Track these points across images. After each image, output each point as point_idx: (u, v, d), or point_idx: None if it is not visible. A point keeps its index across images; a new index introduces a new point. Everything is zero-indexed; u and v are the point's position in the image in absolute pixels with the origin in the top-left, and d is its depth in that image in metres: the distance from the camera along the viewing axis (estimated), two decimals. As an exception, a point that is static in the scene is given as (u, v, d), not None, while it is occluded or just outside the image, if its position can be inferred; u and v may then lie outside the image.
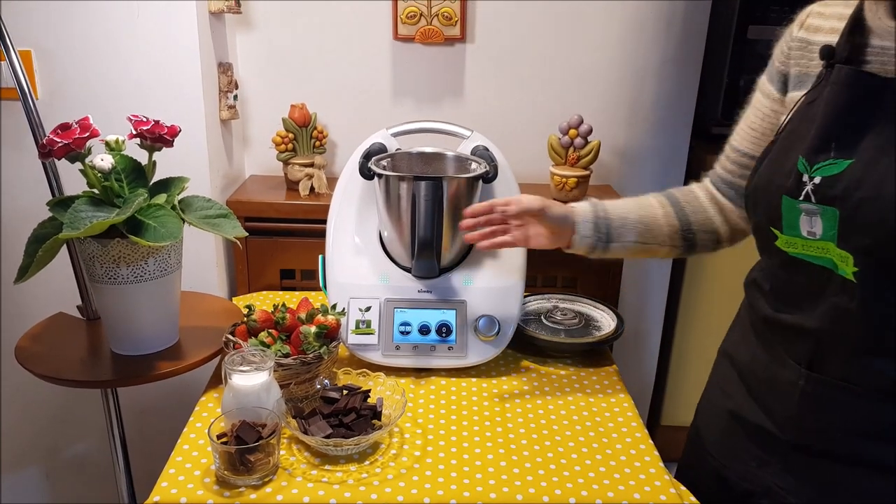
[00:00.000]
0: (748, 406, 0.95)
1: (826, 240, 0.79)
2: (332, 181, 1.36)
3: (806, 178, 0.79)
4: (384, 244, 1.22)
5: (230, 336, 1.07)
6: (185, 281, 1.18)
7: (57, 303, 1.28)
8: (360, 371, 1.07)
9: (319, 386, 1.02)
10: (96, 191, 1.03)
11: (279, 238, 1.50)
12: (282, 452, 0.95)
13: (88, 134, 1.00)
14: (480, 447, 0.98)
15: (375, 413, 0.99)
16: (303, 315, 1.08)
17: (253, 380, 0.94)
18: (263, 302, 1.42)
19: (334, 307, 1.13)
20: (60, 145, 0.98)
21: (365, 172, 1.17)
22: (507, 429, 1.02)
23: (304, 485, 0.89)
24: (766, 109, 0.94)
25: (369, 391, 1.02)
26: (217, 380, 1.13)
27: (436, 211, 1.08)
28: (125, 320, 1.09)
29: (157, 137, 1.06)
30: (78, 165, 1.01)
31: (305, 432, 0.94)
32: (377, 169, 1.15)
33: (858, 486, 0.85)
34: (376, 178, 1.16)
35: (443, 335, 1.15)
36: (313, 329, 1.05)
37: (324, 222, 1.24)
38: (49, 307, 1.27)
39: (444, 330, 1.15)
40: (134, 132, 1.05)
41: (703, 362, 1.13)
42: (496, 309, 1.18)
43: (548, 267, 1.54)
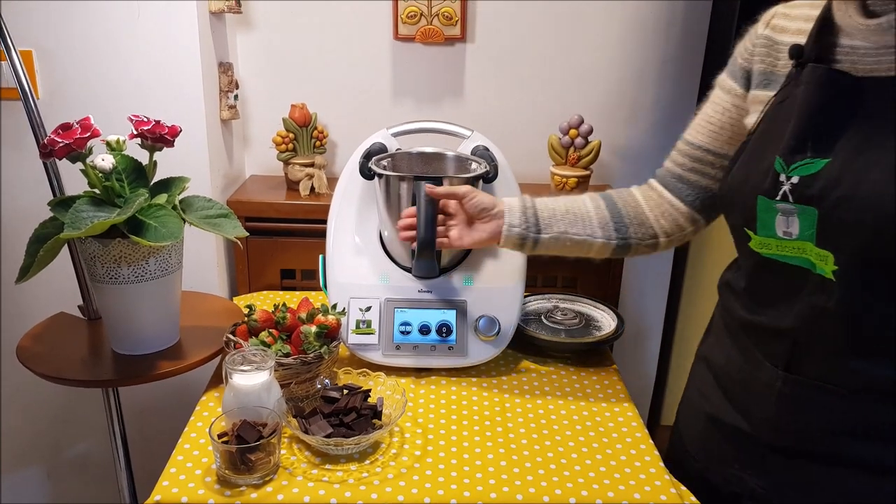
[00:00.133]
0: (725, 409, 0.95)
1: (804, 239, 0.79)
2: (333, 181, 1.36)
3: (783, 178, 0.79)
4: (384, 244, 1.22)
5: (231, 336, 1.07)
6: (186, 281, 1.18)
7: (58, 302, 1.28)
8: (361, 371, 1.07)
9: (320, 385, 1.03)
10: (97, 191, 1.03)
11: (279, 238, 1.51)
12: (282, 452, 0.95)
13: (89, 134, 1.00)
14: (480, 447, 0.98)
15: (376, 413, 0.99)
16: (303, 315, 1.08)
17: (254, 379, 0.94)
18: (264, 302, 1.43)
19: (334, 307, 1.13)
20: (61, 145, 0.98)
21: (365, 172, 1.18)
22: (507, 429, 1.03)
23: (305, 484, 0.90)
24: (727, 104, 0.95)
25: (369, 391, 1.02)
26: (218, 379, 1.13)
27: (436, 211, 1.08)
28: (126, 320, 1.10)
29: (158, 137, 1.06)
30: (79, 165, 1.02)
31: (306, 432, 0.94)
32: (377, 169, 1.15)
33: (839, 486, 0.85)
34: (376, 178, 1.16)
35: (443, 335, 1.15)
36: (314, 329, 1.05)
37: (324, 222, 1.24)
38: (50, 307, 1.27)
39: (445, 330, 1.16)
40: (135, 132, 1.05)
41: (703, 362, 1.13)
42: (496, 309, 1.18)
43: (548, 267, 1.54)
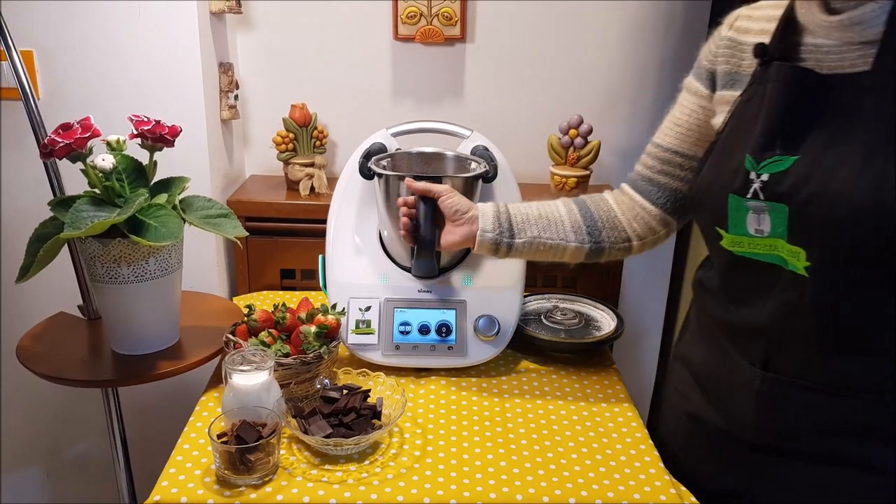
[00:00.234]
0: (705, 409, 0.95)
1: (775, 237, 0.79)
2: (333, 181, 1.36)
3: (753, 176, 0.80)
4: (384, 244, 1.22)
5: (230, 336, 1.07)
6: (186, 281, 1.18)
7: (58, 302, 1.28)
8: (360, 371, 1.07)
9: (319, 385, 1.03)
10: (97, 191, 1.03)
11: (279, 238, 1.51)
12: (282, 452, 0.95)
13: (90, 134, 1.00)
14: (480, 447, 0.98)
15: (375, 413, 0.99)
16: (303, 315, 1.08)
17: (253, 379, 0.94)
18: (264, 302, 1.43)
19: (334, 307, 1.13)
20: (62, 145, 0.98)
21: (365, 172, 1.18)
22: (507, 429, 1.03)
23: (304, 484, 0.89)
24: (694, 105, 0.96)
25: (369, 391, 1.02)
26: (217, 379, 1.13)
27: (435, 210, 1.08)
28: (126, 320, 1.10)
29: (158, 137, 1.06)
30: (79, 165, 1.02)
31: (305, 432, 0.94)
32: (377, 169, 1.15)
33: (822, 484, 0.85)
34: (376, 178, 1.16)
35: (443, 335, 1.15)
36: (313, 329, 1.05)
37: (324, 222, 1.24)
38: (50, 307, 1.27)
39: (444, 330, 1.16)
40: (135, 132, 1.05)
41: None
42: (496, 309, 1.18)
43: (548, 267, 1.54)
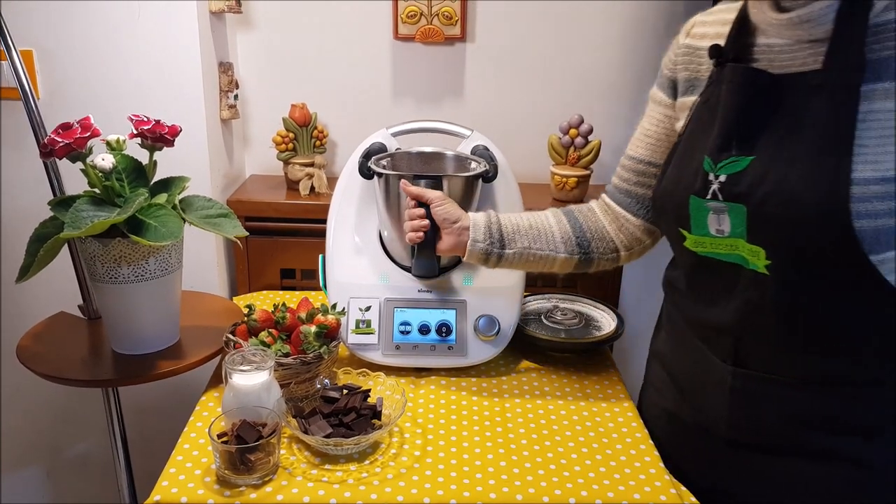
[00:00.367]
0: (682, 406, 0.96)
1: (735, 236, 0.80)
2: (332, 181, 1.36)
3: (712, 177, 0.81)
4: (384, 244, 1.22)
5: (231, 336, 1.07)
6: (186, 280, 1.18)
7: (58, 302, 1.28)
8: (360, 371, 1.07)
9: (319, 385, 1.03)
10: (97, 190, 1.03)
11: (279, 238, 1.51)
12: (282, 452, 0.95)
13: (89, 134, 1.00)
14: (480, 447, 0.98)
15: (375, 413, 0.99)
16: (303, 315, 1.08)
17: (253, 379, 0.94)
18: (264, 301, 1.42)
19: (334, 307, 1.13)
20: (62, 145, 0.98)
21: (365, 172, 1.18)
22: (507, 429, 1.03)
23: (305, 484, 0.89)
24: (659, 115, 0.98)
25: (369, 391, 1.02)
26: (217, 379, 1.13)
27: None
28: (126, 320, 1.10)
29: (158, 137, 1.06)
30: (79, 165, 1.02)
31: (306, 432, 0.94)
32: (377, 168, 1.15)
33: (799, 478, 0.85)
34: (376, 178, 1.16)
35: (443, 335, 1.15)
36: (313, 329, 1.05)
37: (324, 222, 1.24)
38: (50, 306, 1.27)
39: (444, 330, 1.15)
40: (135, 132, 1.05)
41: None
42: (496, 309, 1.18)
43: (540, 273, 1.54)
